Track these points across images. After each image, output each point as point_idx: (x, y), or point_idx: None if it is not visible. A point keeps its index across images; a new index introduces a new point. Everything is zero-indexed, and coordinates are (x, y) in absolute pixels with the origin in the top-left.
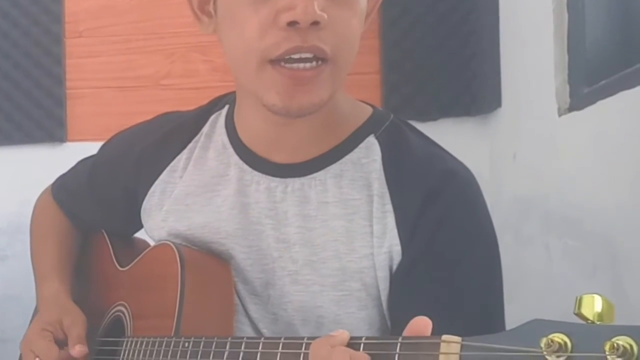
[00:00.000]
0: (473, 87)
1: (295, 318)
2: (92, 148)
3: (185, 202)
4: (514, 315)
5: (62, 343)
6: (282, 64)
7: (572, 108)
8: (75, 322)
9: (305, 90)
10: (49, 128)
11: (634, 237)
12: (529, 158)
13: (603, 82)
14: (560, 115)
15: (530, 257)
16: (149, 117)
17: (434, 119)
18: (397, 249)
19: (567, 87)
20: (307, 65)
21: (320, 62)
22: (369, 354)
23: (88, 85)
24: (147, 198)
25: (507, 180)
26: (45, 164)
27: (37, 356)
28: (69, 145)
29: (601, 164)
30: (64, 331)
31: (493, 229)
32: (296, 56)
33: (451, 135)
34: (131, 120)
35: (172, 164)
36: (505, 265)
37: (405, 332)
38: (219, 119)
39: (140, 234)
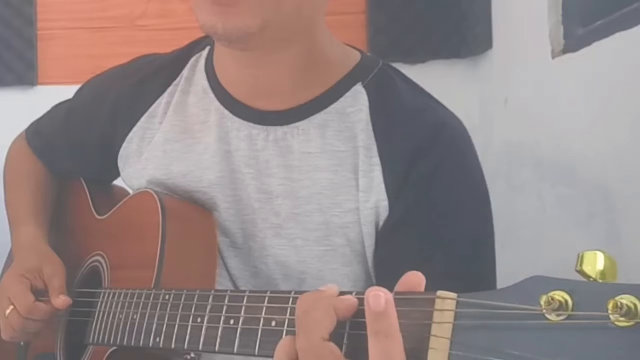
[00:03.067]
0: (463, 27)
1: (276, 273)
2: (63, 92)
3: (164, 149)
4: (506, 264)
5: (39, 292)
6: None
7: (566, 50)
8: (56, 272)
9: (225, 12)
10: (19, 71)
11: (631, 184)
12: (521, 102)
13: (598, 22)
14: (553, 57)
15: (523, 205)
16: (123, 59)
17: (422, 61)
18: (384, 204)
19: (561, 27)
20: None
21: None
22: (358, 309)
23: (60, 25)
24: (124, 145)
25: (498, 126)
26: (15, 108)
27: (12, 303)
28: (39, 89)
29: (596, 108)
30: (43, 280)
31: (485, 184)
32: None
33: (440, 79)
34: (105, 62)
35: (150, 109)
36: (496, 213)
37: (398, 287)
38: (199, 61)
39: (119, 182)
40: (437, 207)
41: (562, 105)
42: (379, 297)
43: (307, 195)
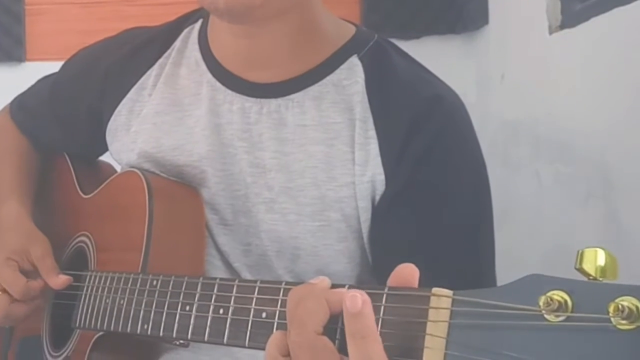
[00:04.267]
0: (458, 2)
1: (270, 249)
2: (52, 68)
3: (155, 122)
4: (503, 245)
5: (27, 274)
6: None
7: (563, 25)
8: (45, 252)
9: None
10: (7, 47)
11: (630, 162)
12: (518, 79)
13: None
14: (551, 33)
15: (520, 184)
16: (113, 35)
17: (417, 37)
18: (381, 178)
19: (559, 3)
20: None
21: None
22: None
23: (48, 1)
24: (113, 118)
25: (494, 103)
26: (3, 84)
27: (3, 288)
28: (27, 65)
29: (595, 85)
30: (30, 261)
31: (483, 159)
32: None
33: (435, 55)
34: (94, 38)
35: (140, 80)
36: (492, 193)
37: (390, 281)
38: (192, 33)
39: (106, 158)
40: (434, 183)
41: (560, 81)
42: (355, 299)
43: (300, 169)
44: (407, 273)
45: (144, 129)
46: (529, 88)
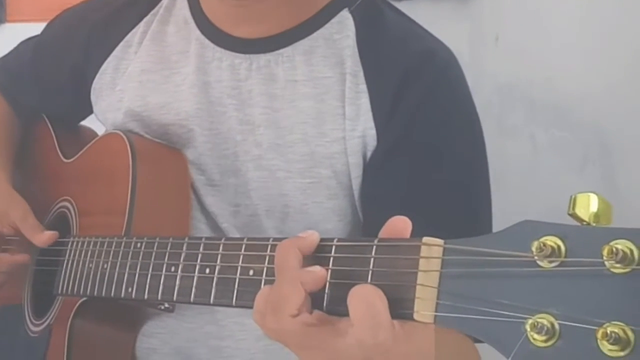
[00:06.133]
0: None
1: (259, 208)
2: (33, 29)
3: (141, 79)
4: (497, 211)
5: (6, 242)
6: None
7: None
8: (26, 213)
9: None
10: None
11: (628, 126)
12: (513, 40)
13: None
14: None
15: (515, 149)
16: None
17: None
18: (372, 132)
19: None
20: None
21: None
22: (341, 257)
23: None
24: (97, 77)
25: (488, 65)
26: None
27: None
28: (8, 27)
29: (592, 46)
30: (9, 225)
31: (476, 113)
32: None
33: (427, 16)
34: None
35: (126, 38)
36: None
37: (382, 233)
38: None
39: (89, 123)
40: (427, 138)
41: (556, 43)
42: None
43: (290, 125)
44: (399, 226)
45: (130, 87)
46: (524, 50)
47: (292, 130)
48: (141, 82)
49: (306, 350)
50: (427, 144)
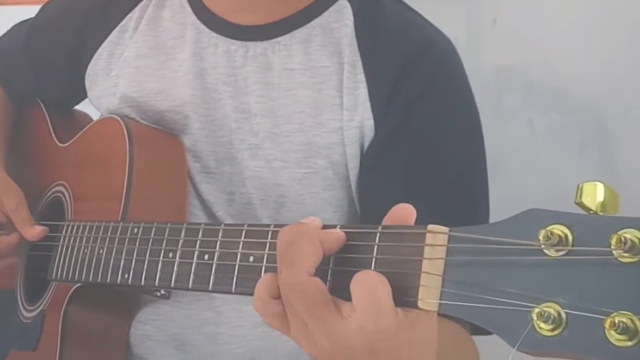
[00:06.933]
0: None
1: (254, 197)
2: (27, 12)
3: (136, 65)
4: (495, 195)
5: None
6: None
7: None
8: (19, 203)
9: None
10: None
11: (626, 109)
12: (511, 23)
13: None
14: None
15: (512, 134)
16: None
17: None
18: (370, 123)
19: None
20: None
21: None
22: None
23: None
24: (92, 62)
25: (486, 48)
26: None
27: None
28: (1, 9)
29: (591, 28)
30: (4, 213)
31: (475, 104)
32: None
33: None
34: None
35: (121, 23)
36: (484, 142)
37: (386, 221)
38: None
39: (83, 107)
40: (424, 130)
41: (554, 26)
42: None
43: (287, 114)
44: (403, 214)
45: (125, 72)
46: (522, 33)
47: (289, 119)
48: (137, 68)
49: (311, 319)
50: (425, 134)
